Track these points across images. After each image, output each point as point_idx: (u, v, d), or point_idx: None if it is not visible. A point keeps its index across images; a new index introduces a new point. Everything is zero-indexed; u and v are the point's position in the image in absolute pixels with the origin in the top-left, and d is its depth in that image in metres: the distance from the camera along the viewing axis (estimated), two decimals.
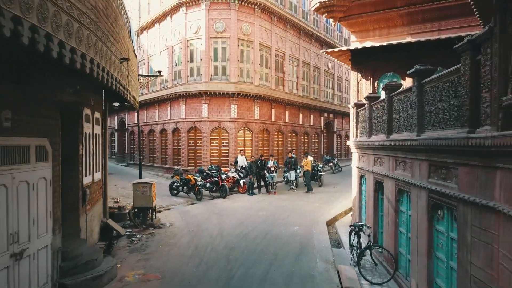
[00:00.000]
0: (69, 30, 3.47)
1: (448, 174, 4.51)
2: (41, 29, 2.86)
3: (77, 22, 3.93)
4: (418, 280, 5.51)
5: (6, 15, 2.43)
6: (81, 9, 4.19)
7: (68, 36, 3.43)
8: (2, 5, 2.52)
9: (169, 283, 6.38)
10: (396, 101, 6.64)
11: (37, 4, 2.82)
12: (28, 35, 2.72)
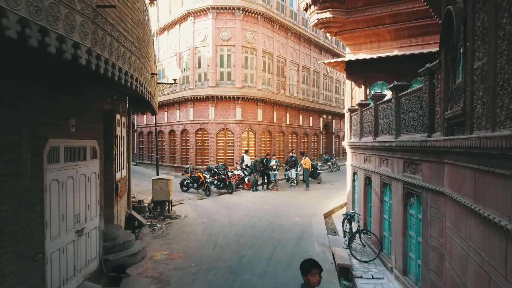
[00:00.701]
0: (123, 58, 4.69)
1: (416, 169, 5.70)
2: (103, 57, 4.01)
3: (128, 51, 5.17)
4: (396, 256, 6.71)
5: (82, 49, 3.56)
6: (130, 40, 5.43)
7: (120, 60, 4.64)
8: (91, 47, 3.74)
9: (191, 261, 7.57)
10: (380, 108, 7.82)
11: (92, 31, 3.97)
12: (95, 62, 3.87)
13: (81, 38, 3.76)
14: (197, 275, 6.78)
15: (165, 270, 7.04)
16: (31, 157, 4.42)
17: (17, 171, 4.20)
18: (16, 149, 4.18)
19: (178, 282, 6.48)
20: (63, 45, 3.26)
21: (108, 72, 4.38)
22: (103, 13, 4.32)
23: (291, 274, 6.98)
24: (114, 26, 4.74)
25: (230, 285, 6.39)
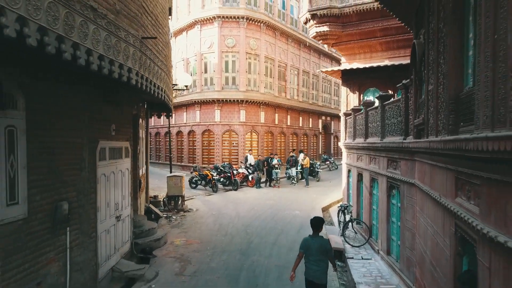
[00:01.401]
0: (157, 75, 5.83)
1: (396, 165, 6.83)
2: (145, 77, 5.15)
3: (159, 68, 6.32)
4: (381, 239, 7.83)
5: (133, 71, 4.72)
6: (160, 60, 6.58)
7: (155, 77, 5.78)
8: (138, 70, 4.89)
9: (207, 245, 8.71)
10: (370, 114, 8.94)
11: (139, 57, 5.11)
12: (140, 81, 5.00)
13: (132, 64, 4.93)
14: (213, 256, 7.92)
15: (185, 252, 8.18)
16: (88, 156, 5.56)
17: (80, 166, 5.33)
18: (80, 149, 5.32)
19: (197, 261, 7.62)
20: (121, 70, 4.43)
21: (148, 87, 5.55)
22: (145, 42, 5.48)
23: (292, 255, 8.10)
24: (151, 51, 5.90)
25: (241, 263, 7.52)
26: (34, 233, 4.36)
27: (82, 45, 3.67)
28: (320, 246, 4.99)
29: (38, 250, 4.42)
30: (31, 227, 4.30)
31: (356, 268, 7.40)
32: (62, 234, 4.91)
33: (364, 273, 7.13)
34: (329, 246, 5.13)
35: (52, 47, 3.21)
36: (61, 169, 4.88)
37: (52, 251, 4.70)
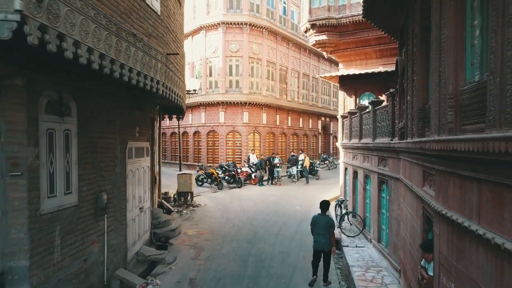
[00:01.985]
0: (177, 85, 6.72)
1: (385, 163, 7.71)
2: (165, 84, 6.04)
3: (179, 79, 7.22)
4: (373, 229, 8.72)
5: (160, 83, 5.61)
6: (179, 70, 7.48)
7: (177, 87, 6.68)
8: (165, 82, 5.79)
9: (217, 235, 9.60)
10: (364, 117, 9.83)
11: (164, 71, 6.00)
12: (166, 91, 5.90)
13: (160, 77, 5.85)
14: (223, 244, 8.81)
15: (198, 241, 9.08)
16: (120, 154, 6.45)
17: (114, 163, 6.23)
18: (114, 149, 6.22)
19: (209, 248, 8.51)
20: (152, 83, 5.34)
21: (170, 96, 6.46)
22: (168, 57, 6.38)
23: (294, 244, 9.01)
24: (172, 64, 6.81)
25: (249, 250, 8.41)
26: (82, 217, 5.26)
27: (126, 65, 4.58)
28: (326, 222, 6.65)
29: (85, 232, 5.32)
30: (80, 212, 5.20)
31: (351, 255, 8.28)
32: (101, 220, 5.81)
33: (358, 258, 8.02)
34: (332, 222, 6.80)
35: (107, 69, 4.12)
36: (101, 165, 5.78)
37: (94, 234, 5.60)
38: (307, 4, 13.31)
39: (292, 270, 7.25)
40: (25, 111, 4.12)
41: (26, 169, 4.13)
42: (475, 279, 2.54)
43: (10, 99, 4.03)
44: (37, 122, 4.30)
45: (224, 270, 7.13)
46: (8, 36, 2.80)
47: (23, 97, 4.10)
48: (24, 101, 4.11)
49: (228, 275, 6.89)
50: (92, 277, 5.56)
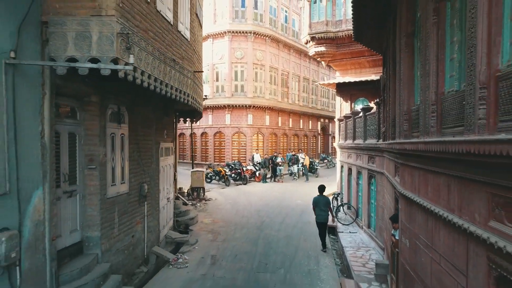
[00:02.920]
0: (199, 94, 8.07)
1: (373, 160, 9.04)
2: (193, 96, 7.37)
3: (199, 89, 8.55)
4: (364, 217, 10.06)
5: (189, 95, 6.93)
6: (199, 81, 8.81)
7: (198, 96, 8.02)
8: (191, 93, 7.14)
9: (229, 223, 10.94)
10: (357, 121, 11.16)
11: (191, 85, 7.33)
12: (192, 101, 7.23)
13: (189, 90, 7.20)
14: (235, 230, 10.15)
15: (214, 227, 10.42)
16: (155, 153, 7.80)
17: (151, 160, 7.58)
18: (151, 149, 7.56)
19: (224, 233, 9.86)
20: (184, 96, 6.68)
21: (195, 105, 7.80)
22: (188, 66, 7.72)
23: (296, 230, 10.35)
24: (196, 77, 8.16)
25: (258, 235, 9.75)
26: (131, 203, 6.61)
27: (168, 84, 5.93)
28: (325, 201, 8.69)
29: (133, 214, 6.67)
30: (130, 198, 6.55)
31: (345, 239, 9.62)
32: (143, 206, 7.17)
33: (350, 241, 9.36)
34: (329, 200, 8.97)
35: (158, 89, 5.47)
36: (143, 162, 7.13)
37: (138, 216, 6.95)
38: (307, 19, 14.64)
39: (295, 249, 8.59)
40: (98, 120, 5.46)
41: (98, 163, 5.47)
42: (416, 233, 3.88)
43: (88, 112, 5.37)
44: (105, 128, 5.65)
45: (239, 249, 8.47)
46: (108, 73, 4.15)
47: (96, 110, 5.45)
48: (97, 113, 5.46)
49: (242, 252, 8.24)
50: (137, 250, 6.91)
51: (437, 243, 3.22)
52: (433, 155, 3.06)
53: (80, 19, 4.15)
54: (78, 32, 4.16)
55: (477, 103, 2.29)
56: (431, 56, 3.26)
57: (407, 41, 4.22)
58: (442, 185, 3.07)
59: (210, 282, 6.57)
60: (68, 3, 4.19)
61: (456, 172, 2.73)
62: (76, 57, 4.16)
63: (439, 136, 3.07)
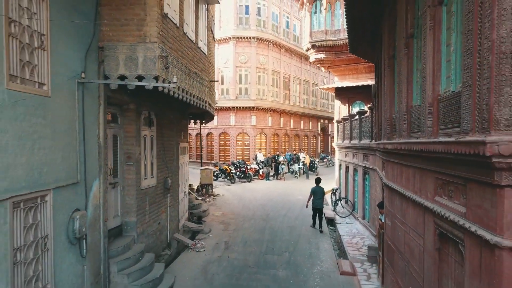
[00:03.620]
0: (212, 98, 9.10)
1: (367, 159, 10.07)
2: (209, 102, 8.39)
3: (213, 95, 9.57)
4: (359, 210, 11.08)
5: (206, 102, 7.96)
6: (212, 87, 9.82)
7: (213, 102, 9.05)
8: (207, 99, 8.17)
9: (238, 216, 11.97)
10: (353, 123, 12.18)
11: (208, 92, 8.35)
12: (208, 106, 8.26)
13: (206, 97, 8.22)
14: (244, 221, 11.19)
15: (224, 219, 11.46)
16: (176, 152, 8.83)
17: (173, 158, 8.62)
18: (173, 148, 8.60)
19: (234, 224, 10.89)
20: (202, 102, 7.71)
21: (210, 110, 8.82)
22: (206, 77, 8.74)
23: (298, 222, 11.38)
24: (211, 85, 9.18)
25: (264, 225, 10.77)
26: (158, 194, 7.64)
27: (191, 93, 6.95)
28: (321, 191, 10.10)
29: (159, 204, 7.71)
30: (157, 190, 7.58)
31: (342, 229, 10.65)
32: (166, 197, 8.20)
33: (347, 231, 10.38)
34: (323, 190, 10.51)
35: (185, 98, 6.50)
36: (166, 159, 8.16)
37: (163, 206, 7.99)
38: (308, 28, 15.66)
39: (298, 237, 9.62)
40: (134, 124, 6.50)
41: (135, 160, 6.50)
42: (395, 213, 4.91)
43: (127, 117, 6.41)
44: (139, 130, 6.68)
45: (248, 237, 9.50)
46: (151, 88, 5.18)
47: (133, 116, 6.48)
48: (134, 118, 6.49)
49: (251, 239, 9.27)
50: (162, 236, 7.95)
51: (407, 218, 4.25)
52: (405, 153, 4.08)
53: (129, 45, 5.19)
54: (127, 55, 5.19)
55: (427, 116, 3.32)
56: (403, 78, 4.29)
57: (389, 62, 5.24)
58: (410, 175, 4.10)
59: (226, 263, 7.60)
60: (119, 32, 5.22)
61: (417, 164, 3.75)
62: (125, 75, 5.20)
63: (407, 138, 4.10)
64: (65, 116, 4.40)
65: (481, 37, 2.21)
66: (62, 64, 4.34)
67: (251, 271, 7.17)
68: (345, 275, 7.04)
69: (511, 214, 2.11)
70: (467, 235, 2.56)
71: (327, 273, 7.17)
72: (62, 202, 4.31)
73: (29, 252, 3.79)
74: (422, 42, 3.56)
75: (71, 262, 4.55)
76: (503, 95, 2.05)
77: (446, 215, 2.87)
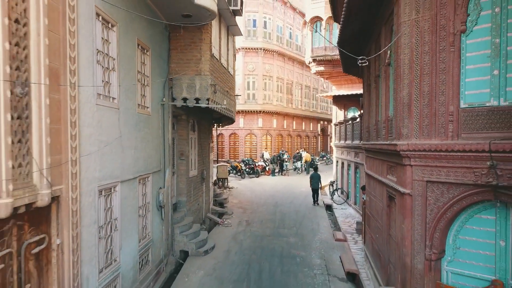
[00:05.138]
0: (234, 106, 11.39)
1: (358, 156, 12.33)
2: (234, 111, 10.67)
3: (234, 103, 11.87)
4: (351, 198, 13.35)
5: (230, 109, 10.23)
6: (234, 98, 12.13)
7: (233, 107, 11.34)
8: (229, 108, 10.48)
9: (252, 203, 14.26)
10: (347, 126, 14.43)
11: (233, 104, 10.62)
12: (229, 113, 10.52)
13: (232, 107, 10.51)
14: (258, 207, 13.47)
15: (241, 205, 13.75)
16: (208, 151, 11.11)
17: (206, 155, 10.90)
18: (206, 147, 10.88)
19: (250, 208, 13.18)
20: (230, 112, 10.02)
21: (233, 117, 11.12)
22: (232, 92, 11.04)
23: (302, 208, 13.67)
24: (234, 97, 11.46)
25: (274, 209, 13.05)
26: (197, 182, 9.93)
27: (224, 106, 9.24)
28: (317, 176, 12.52)
29: (198, 189, 9.99)
30: (197, 179, 9.87)
31: (338, 213, 12.92)
32: (202, 185, 10.48)
33: (342, 214, 12.66)
34: (320, 175, 12.95)
35: (222, 110, 8.79)
36: (203, 156, 10.45)
37: (200, 191, 10.27)
38: (310, 44, 17.91)
39: (302, 218, 11.90)
40: (185, 129, 8.78)
41: (186, 156, 8.79)
42: (370, 191, 7.17)
43: (180, 125, 8.68)
44: (188, 134, 8.97)
45: (263, 217, 11.78)
46: (204, 107, 7.46)
47: (185, 124, 8.76)
48: (185, 125, 8.77)
49: (266, 219, 11.55)
50: (200, 214, 10.24)
51: (376, 192, 6.52)
52: (374, 150, 6.34)
53: (189, 77, 7.47)
54: (188, 84, 7.47)
55: (382, 128, 5.59)
56: (372, 102, 6.55)
57: (367, 87, 7.50)
58: (376, 164, 6.37)
59: (249, 233, 9.89)
60: (183, 68, 7.50)
61: (379, 157, 6.02)
62: (187, 97, 7.48)
63: (375, 141, 6.36)
64: (156, 127, 6.69)
65: (397, 93, 4.50)
66: (155, 93, 6.63)
67: (269, 238, 9.46)
68: (339, 241, 9.32)
69: (410, 178, 4.38)
70: (396, 191, 4.83)
71: (325, 240, 9.45)
72: (154, 181, 6.61)
73: (143, 210, 6.09)
74: (381, 84, 5.83)
75: (158, 222, 6.85)
76: (404, 122, 4.33)
77: (390, 184, 5.14)
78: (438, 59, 4.07)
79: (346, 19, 6.23)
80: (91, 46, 4.12)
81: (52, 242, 3.46)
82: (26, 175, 2.99)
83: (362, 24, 6.61)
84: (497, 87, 3.72)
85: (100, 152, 4.35)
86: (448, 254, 4.27)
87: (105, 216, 4.67)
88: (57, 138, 3.41)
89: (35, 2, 3.01)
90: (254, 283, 6.65)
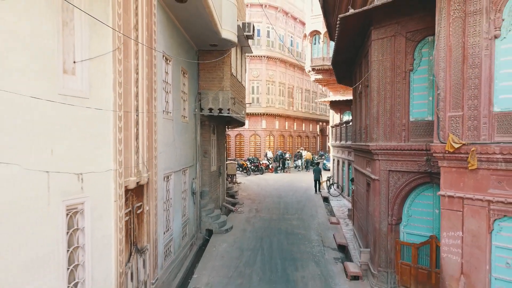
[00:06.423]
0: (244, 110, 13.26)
1: (350, 154, 14.16)
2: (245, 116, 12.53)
3: (244, 109, 13.74)
4: (345, 190, 15.21)
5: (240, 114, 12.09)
6: (245, 104, 14.01)
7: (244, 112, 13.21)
8: (238, 112, 12.34)
9: (259, 195, 16.12)
10: (341, 128, 16.28)
11: (244, 110, 12.48)
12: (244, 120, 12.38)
13: (243, 113, 12.38)
14: (265, 198, 15.34)
15: (250, 197, 15.62)
16: (224, 149, 12.97)
17: (222, 153, 12.76)
18: (222, 146, 12.75)
19: (257, 200, 15.05)
20: (242, 117, 11.89)
21: (244, 121, 13.00)
22: (244, 101, 12.91)
23: (303, 199, 15.54)
24: (245, 104, 13.33)
25: (279, 200, 14.92)
26: (215, 176, 11.79)
27: (238, 113, 11.11)
28: (318, 169, 14.88)
29: (216, 182, 11.86)
30: (215, 174, 11.73)
31: (333, 204, 14.77)
32: (219, 179, 12.35)
33: (337, 204, 14.52)
34: (320, 169, 15.06)
35: (236, 117, 10.66)
36: (219, 154, 12.31)
37: (218, 183, 12.14)
38: (309, 55, 19.75)
39: (303, 207, 13.76)
40: (208, 133, 10.64)
41: (209, 154, 10.65)
42: (357, 182, 9.02)
43: (204, 129, 10.54)
44: (210, 136, 10.82)
45: (270, 206, 13.64)
46: (226, 115, 9.32)
47: (207, 128, 10.62)
48: (208, 129, 10.63)
49: (272, 207, 13.41)
50: (218, 202, 12.10)
51: (359, 181, 8.37)
52: (359, 149, 8.18)
53: (214, 91, 9.33)
54: (213, 97, 9.33)
55: (362, 132, 7.45)
56: (358, 112, 8.41)
57: (355, 99, 9.34)
58: (360, 159, 8.22)
59: (259, 217, 11.76)
60: (209, 85, 9.36)
61: (361, 154, 7.86)
62: (212, 108, 9.33)
63: (359, 142, 8.22)
64: (190, 132, 8.55)
65: (370, 109, 6.36)
66: (190, 105, 8.49)
67: (276, 221, 11.33)
68: (333, 224, 11.18)
69: (378, 169, 6.23)
70: (371, 179, 6.68)
71: (322, 223, 11.31)
72: (189, 173, 8.47)
73: (184, 195, 7.96)
74: (362, 99, 7.68)
75: (191, 205, 8.72)
76: (374, 130, 6.19)
77: (368, 174, 6.99)
78: (396, 87, 5.92)
79: (336, 53, 8.09)
80: (161, 79, 5.98)
81: (144, 208, 5.33)
82: (138, 164, 4.85)
83: (350, 54, 8.47)
84: (431, 108, 5.58)
85: (164, 151, 6.22)
86: (404, 220, 6.13)
87: (166, 195, 6.54)
88: (149, 142, 5.28)
89: (141, 59, 4.87)
90: (267, 250, 8.53)
